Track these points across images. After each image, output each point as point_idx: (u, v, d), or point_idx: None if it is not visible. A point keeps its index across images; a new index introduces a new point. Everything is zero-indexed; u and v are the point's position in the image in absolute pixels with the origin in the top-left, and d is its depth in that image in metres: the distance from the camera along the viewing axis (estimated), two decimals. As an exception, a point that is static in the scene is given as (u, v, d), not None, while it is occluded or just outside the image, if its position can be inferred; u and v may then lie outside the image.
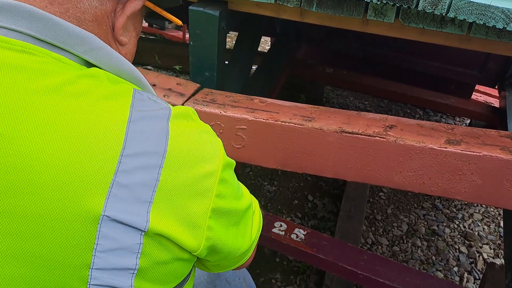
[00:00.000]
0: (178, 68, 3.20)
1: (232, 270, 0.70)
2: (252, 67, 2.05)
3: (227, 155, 0.56)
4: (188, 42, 1.30)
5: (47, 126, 0.43)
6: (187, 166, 0.49)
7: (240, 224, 0.60)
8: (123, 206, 0.44)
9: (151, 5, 0.62)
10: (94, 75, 0.48)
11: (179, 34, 4.15)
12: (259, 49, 2.11)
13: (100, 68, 0.51)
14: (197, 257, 0.54)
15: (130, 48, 0.61)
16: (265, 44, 4.23)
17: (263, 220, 0.77)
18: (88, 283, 0.44)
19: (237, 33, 1.89)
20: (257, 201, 0.74)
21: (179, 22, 0.70)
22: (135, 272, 0.46)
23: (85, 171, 0.43)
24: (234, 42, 1.88)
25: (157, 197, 0.46)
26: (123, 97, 0.48)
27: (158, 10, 0.65)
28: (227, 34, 1.27)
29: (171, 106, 0.53)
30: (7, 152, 0.41)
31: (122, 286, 0.45)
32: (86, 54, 0.50)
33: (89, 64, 0.51)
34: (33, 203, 0.42)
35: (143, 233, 0.45)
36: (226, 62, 1.43)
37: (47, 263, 0.43)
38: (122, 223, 0.44)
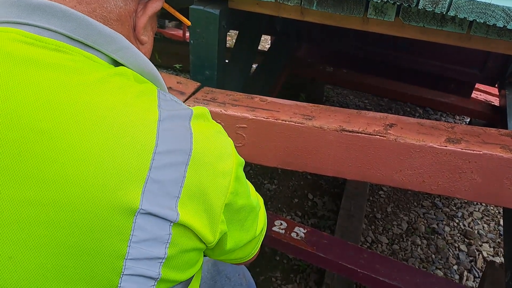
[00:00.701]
0: (178, 67, 3.20)
1: (234, 264, 0.74)
2: (253, 66, 2.05)
3: None
4: (188, 40, 1.30)
5: (86, 122, 0.45)
6: (208, 165, 0.52)
7: (247, 220, 0.63)
8: (156, 200, 0.46)
9: (166, 6, 0.65)
10: (123, 73, 0.51)
11: (179, 32, 4.14)
12: (259, 48, 2.10)
13: (127, 67, 0.53)
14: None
15: (149, 47, 0.64)
16: (265, 43, 4.23)
17: None
18: (122, 273, 0.45)
19: (237, 32, 1.89)
20: (262, 199, 0.77)
21: (188, 23, 0.73)
22: (163, 261, 0.48)
23: (123, 166, 0.45)
24: (234, 41, 1.88)
25: (183, 193, 0.49)
26: (150, 96, 0.51)
27: (171, 10, 0.69)
28: (228, 33, 1.27)
29: (190, 107, 0.56)
30: (49, 147, 0.43)
31: (151, 274, 0.48)
32: (114, 53, 0.52)
33: (116, 63, 0.53)
34: (72, 195, 0.43)
35: (171, 224, 0.48)
36: (227, 61, 1.43)
37: (83, 253, 0.44)
38: (154, 215, 0.46)
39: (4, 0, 0.49)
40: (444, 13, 0.88)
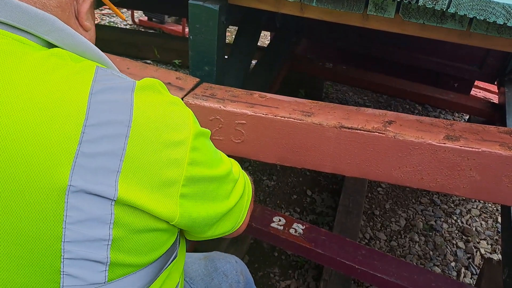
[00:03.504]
0: (177, 62, 3.19)
1: (226, 236, 0.71)
2: (252, 62, 2.04)
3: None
4: (187, 36, 1.30)
5: (13, 102, 0.43)
6: (154, 136, 0.49)
7: (218, 190, 0.60)
8: (89, 176, 0.44)
9: None
10: (56, 54, 0.49)
11: (179, 28, 4.14)
12: (258, 44, 2.10)
13: (62, 49, 0.51)
14: (178, 227, 0.54)
15: (92, 34, 0.62)
16: (264, 38, 4.22)
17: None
18: (62, 256, 0.44)
19: (236, 28, 1.88)
20: (239, 165, 0.73)
21: (123, 17, 0.74)
22: (109, 243, 0.46)
23: (49, 143, 0.43)
24: (233, 37, 1.87)
25: (125, 167, 0.46)
26: (85, 72, 0.48)
27: (107, 2, 0.68)
28: (227, 29, 1.26)
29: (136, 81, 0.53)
30: None
31: (97, 258, 0.46)
32: (47, 35, 0.50)
33: (50, 46, 0.51)
34: (1, 179, 0.42)
35: (113, 203, 0.45)
36: (226, 57, 1.43)
37: (20, 238, 0.42)
38: (89, 193, 0.44)
39: None
40: (444, 10, 0.88)
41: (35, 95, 0.44)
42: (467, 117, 2.90)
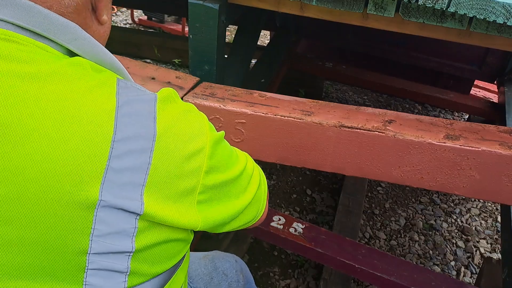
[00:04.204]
0: (177, 62, 3.19)
1: (249, 227, 0.73)
2: (252, 61, 2.04)
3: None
4: (187, 35, 1.30)
5: (43, 114, 0.43)
6: (177, 147, 0.50)
7: (234, 189, 0.61)
8: (118, 191, 0.45)
9: None
10: (78, 63, 0.48)
11: (178, 27, 4.13)
12: (258, 43, 2.10)
13: (83, 57, 0.51)
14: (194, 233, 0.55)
15: (108, 26, 0.61)
16: (264, 38, 4.22)
17: None
18: (86, 267, 0.44)
19: (236, 27, 1.88)
20: (252, 160, 0.75)
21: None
22: (131, 254, 0.47)
23: (80, 159, 0.43)
24: (233, 36, 1.87)
25: (149, 180, 0.47)
26: (108, 85, 0.48)
27: None
28: (227, 28, 1.26)
29: (157, 92, 0.54)
30: (7, 140, 0.41)
31: (119, 268, 0.46)
32: (69, 43, 0.50)
33: (71, 54, 0.51)
34: (31, 190, 0.42)
35: (138, 217, 0.46)
36: (226, 56, 1.43)
37: (45, 250, 0.43)
38: (117, 208, 0.45)
39: None
40: (444, 9, 0.88)
41: (64, 109, 0.44)
42: (467, 116, 2.90)
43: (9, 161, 0.41)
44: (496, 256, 1.96)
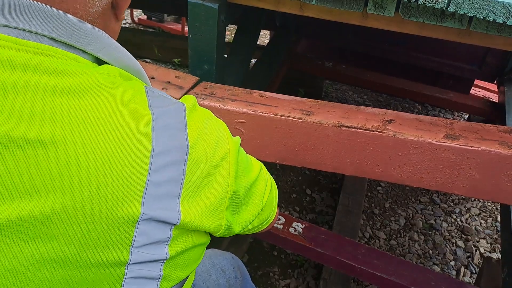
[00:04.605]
0: (177, 61, 3.19)
1: (261, 231, 0.76)
2: (251, 60, 2.04)
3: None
4: (187, 35, 1.30)
5: (85, 131, 0.43)
6: (206, 156, 0.51)
7: (254, 192, 0.63)
8: (157, 203, 0.46)
9: None
10: (109, 73, 0.48)
11: (178, 27, 4.13)
12: (258, 42, 2.10)
13: (110, 64, 0.51)
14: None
15: (120, 23, 0.61)
16: (264, 37, 4.21)
17: None
18: (124, 277, 0.46)
19: (236, 26, 1.88)
20: (263, 165, 0.76)
21: None
22: (165, 261, 0.48)
23: (122, 175, 0.44)
24: (233, 36, 1.87)
25: (184, 191, 0.48)
26: (139, 95, 0.49)
27: None
28: (226, 27, 1.26)
29: (179, 99, 0.55)
30: (45, 158, 0.41)
31: (153, 275, 0.48)
32: (99, 52, 0.50)
33: (99, 61, 0.51)
34: (76, 208, 0.42)
35: (173, 226, 0.48)
36: (225, 56, 1.43)
37: (85, 265, 0.43)
38: (157, 220, 0.46)
39: None
40: (444, 8, 0.88)
41: (105, 125, 0.44)
42: (467, 116, 2.90)
43: (54, 177, 0.41)
44: (496, 255, 1.96)
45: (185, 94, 1.12)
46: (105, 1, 0.51)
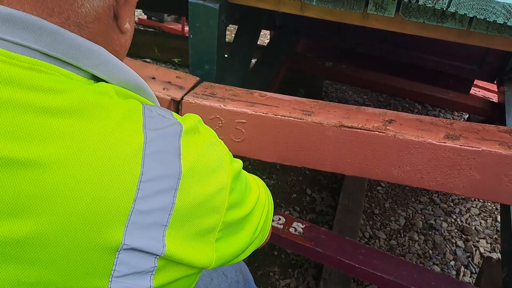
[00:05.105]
0: (177, 61, 3.19)
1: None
2: (252, 60, 2.04)
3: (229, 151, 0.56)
4: (187, 34, 1.30)
5: (70, 151, 0.41)
6: (200, 185, 0.48)
7: (249, 221, 0.61)
8: (141, 232, 0.43)
9: None
10: (103, 91, 0.46)
11: (178, 26, 4.13)
12: (258, 42, 2.10)
13: (107, 82, 0.49)
14: None
15: (130, 35, 0.58)
16: (264, 37, 4.22)
17: None
18: None
19: (236, 26, 1.88)
20: (262, 182, 0.74)
21: None
22: None
23: (105, 202, 0.42)
24: (233, 36, 1.88)
25: (172, 220, 0.45)
26: (134, 116, 0.47)
27: None
28: (227, 27, 1.26)
29: (179, 119, 0.52)
30: (25, 179, 0.39)
31: None
32: (94, 69, 0.48)
33: (96, 79, 0.49)
34: (56, 231, 0.40)
35: (157, 257, 0.45)
36: (226, 56, 1.43)
37: None
38: (139, 250, 0.44)
39: None
40: (444, 9, 0.88)
41: (94, 148, 0.42)
42: (467, 116, 2.90)
43: (34, 200, 0.39)
44: (496, 255, 1.97)
45: (186, 94, 1.12)
46: (98, 4, 0.48)
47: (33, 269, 0.40)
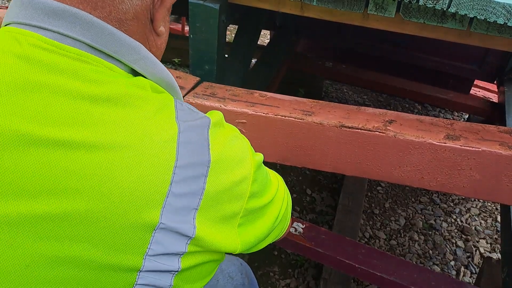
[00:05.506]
0: (177, 61, 3.19)
1: (275, 241, 0.78)
2: (252, 60, 2.04)
3: None
4: (187, 34, 1.30)
5: (113, 138, 0.44)
6: (226, 173, 0.52)
7: (270, 209, 0.65)
8: (175, 214, 0.47)
9: None
10: (141, 85, 0.50)
11: (178, 26, 4.13)
12: (258, 42, 2.10)
13: (144, 77, 0.53)
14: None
15: (165, 38, 0.62)
16: (264, 37, 4.21)
17: None
18: (135, 283, 0.46)
19: (236, 26, 1.88)
20: (280, 177, 0.78)
21: None
22: (176, 273, 0.49)
23: (147, 183, 0.45)
24: (233, 36, 1.87)
25: (202, 204, 0.49)
26: (168, 108, 0.51)
27: None
28: (227, 27, 1.26)
29: (206, 114, 0.56)
30: (67, 160, 0.42)
31: (164, 285, 0.48)
32: (134, 63, 0.51)
33: (134, 72, 0.52)
34: (99, 209, 0.43)
35: (189, 240, 0.48)
36: (226, 56, 1.43)
37: (100, 267, 0.44)
38: (173, 231, 0.47)
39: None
40: (444, 9, 0.88)
41: (133, 134, 0.45)
42: (467, 116, 2.90)
43: (79, 179, 0.42)
44: (496, 256, 1.97)
45: (186, 94, 1.12)
46: (137, 3, 0.51)
47: (72, 245, 0.43)
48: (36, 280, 0.42)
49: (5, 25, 0.49)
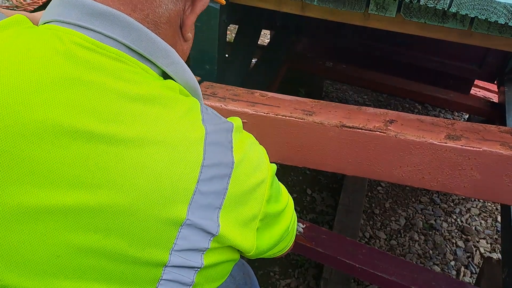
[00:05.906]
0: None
1: (277, 256, 0.79)
2: (252, 60, 2.04)
3: None
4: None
5: (146, 136, 0.46)
6: (247, 176, 0.54)
7: (280, 220, 0.67)
8: (201, 211, 0.48)
9: None
10: (172, 87, 0.52)
11: (178, 26, 4.12)
12: (258, 42, 2.10)
13: (174, 81, 0.55)
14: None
15: (190, 43, 0.64)
16: (264, 37, 4.21)
17: None
18: (160, 278, 0.47)
19: (237, 26, 1.88)
20: (289, 196, 0.80)
21: (223, 2, 0.72)
22: (199, 269, 0.50)
23: (176, 180, 0.47)
24: (234, 35, 1.87)
25: (225, 204, 0.51)
26: (195, 111, 0.53)
27: None
28: (227, 27, 1.26)
29: (228, 119, 0.59)
30: (102, 153, 0.44)
31: (187, 281, 0.50)
32: (167, 67, 0.53)
33: (164, 75, 0.54)
34: (127, 203, 0.44)
35: (212, 237, 0.50)
36: (226, 55, 1.43)
37: (127, 260, 0.45)
38: (198, 227, 0.48)
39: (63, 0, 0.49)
40: (445, 9, 0.88)
41: (164, 132, 0.47)
42: (467, 116, 2.90)
43: (114, 173, 0.44)
44: (496, 256, 1.97)
45: (186, 94, 1.12)
46: (172, 8, 0.54)
47: (105, 237, 0.44)
48: (65, 270, 0.43)
49: (44, 23, 0.50)
